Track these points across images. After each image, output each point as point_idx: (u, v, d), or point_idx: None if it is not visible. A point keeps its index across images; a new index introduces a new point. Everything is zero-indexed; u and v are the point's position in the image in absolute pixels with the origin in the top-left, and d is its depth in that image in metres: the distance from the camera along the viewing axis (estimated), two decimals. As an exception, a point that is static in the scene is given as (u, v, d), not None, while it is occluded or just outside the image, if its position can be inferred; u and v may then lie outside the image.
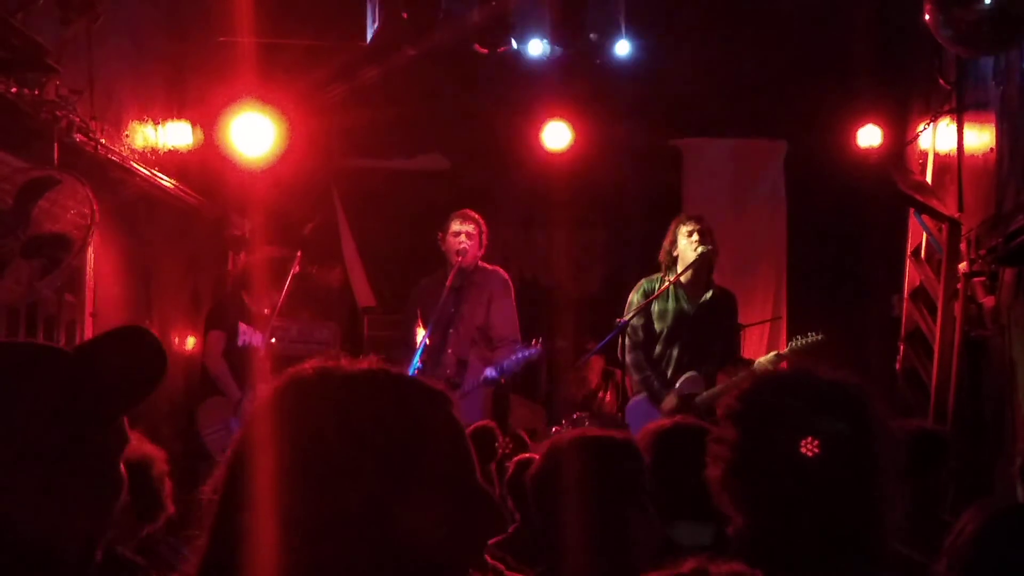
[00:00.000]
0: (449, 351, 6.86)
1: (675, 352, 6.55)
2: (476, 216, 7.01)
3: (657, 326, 6.60)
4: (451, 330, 6.89)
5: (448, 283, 6.85)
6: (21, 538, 1.65)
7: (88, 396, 1.72)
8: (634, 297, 6.64)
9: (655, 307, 6.57)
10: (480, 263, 7.04)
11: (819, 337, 6.29)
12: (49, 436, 1.68)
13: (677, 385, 6.46)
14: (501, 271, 7.12)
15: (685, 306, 6.57)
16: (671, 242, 6.59)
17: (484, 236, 7.01)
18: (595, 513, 2.62)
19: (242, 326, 7.01)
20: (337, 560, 1.34)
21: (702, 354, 6.53)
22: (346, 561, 1.34)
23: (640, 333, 6.57)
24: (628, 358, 6.50)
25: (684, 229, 6.53)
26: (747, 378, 2.08)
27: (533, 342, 6.67)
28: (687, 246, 6.50)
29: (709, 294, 6.58)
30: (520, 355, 6.66)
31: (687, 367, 6.50)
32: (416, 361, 6.65)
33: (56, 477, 1.68)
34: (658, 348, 6.60)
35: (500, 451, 5.19)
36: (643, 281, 6.68)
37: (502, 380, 6.78)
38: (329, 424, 1.38)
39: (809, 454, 1.87)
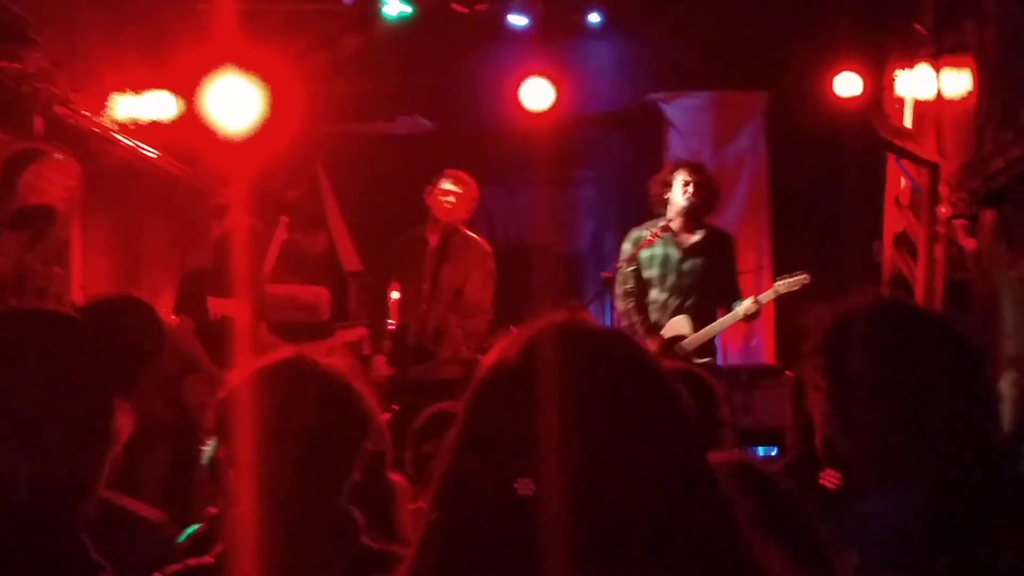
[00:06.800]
0: (424, 307, 6.84)
1: (665, 297, 6.56)
2: (469, 180, 6.94)
3: (646, 273, 6.61)
4: (426, 286, 6.87)
5: (433, 241, 6.86)
6: (15, 492, 1.70)
7: (97, 363, 1.78)
8: (626, 246, 6.67)
9: (644, 253, 6.57)
10: (463, 228, 7.01)
11: (804, 276, 6.32)
12: (56, 400, 1.73)
13: (663, 330, 6.49)
14: (484, 243, 7.05)
15: (672, 251, 6.57)
16: (665, 185, 6.59)
17: (473, 202, 6.96)
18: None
19: (211, 301, 6.84)
20: None
21: (696, 297, 6.53)
22: None
23: (629, 281, 6.60)
24: (618, 306, 6.62)
25: (680, 177, 6.54)
26: (826, 318, 1.92)
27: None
28: (679, 194, 6.52)
29: (698, 236, 6.59)
30: None
31: (678, 312, 6.51)
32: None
33: (58, 437, 1.73)
34: (651, 294, 6.61)
35: None
36: (633, 230, 6.70)
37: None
38: None
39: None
